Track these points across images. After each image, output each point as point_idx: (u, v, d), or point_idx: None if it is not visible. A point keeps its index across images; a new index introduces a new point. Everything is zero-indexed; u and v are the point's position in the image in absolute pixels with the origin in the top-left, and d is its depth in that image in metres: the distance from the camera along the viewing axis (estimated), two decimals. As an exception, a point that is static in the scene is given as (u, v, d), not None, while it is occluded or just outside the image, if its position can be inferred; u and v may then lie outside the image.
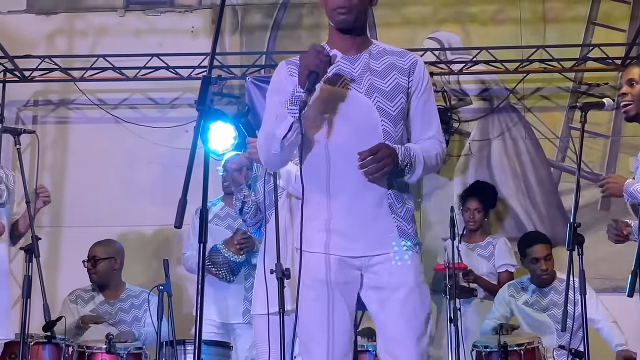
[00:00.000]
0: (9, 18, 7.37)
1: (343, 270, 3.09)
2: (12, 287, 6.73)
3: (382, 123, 3.10)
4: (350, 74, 3.15)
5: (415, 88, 3.20)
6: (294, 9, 7.26)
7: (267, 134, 3.12)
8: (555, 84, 6.98)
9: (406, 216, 3.14)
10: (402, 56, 3.23)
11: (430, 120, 3.25)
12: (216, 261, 5.42)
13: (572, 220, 3.98)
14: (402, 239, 3.10)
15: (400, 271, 3.08)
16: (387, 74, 3.17)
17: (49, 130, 7.21)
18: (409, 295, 3.07)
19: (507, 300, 5.71)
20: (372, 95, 3.12)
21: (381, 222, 3.09)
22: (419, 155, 3.12)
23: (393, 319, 3.07)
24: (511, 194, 6.85)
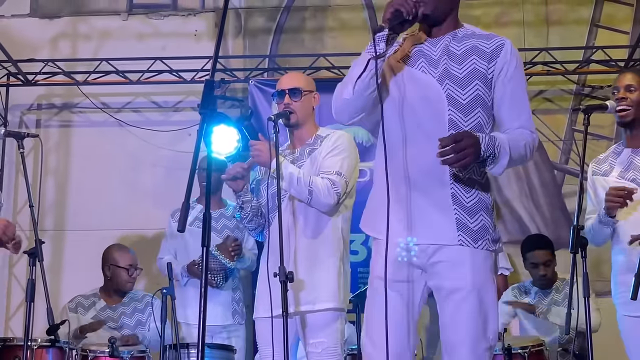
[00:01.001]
0: (13, 22, 7.39)
1: (404, 267, 2.99)
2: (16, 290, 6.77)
3: (449, 112, 2.97)
4: (429, 55, 3.04)
5: (500, 73, 3.01)
6: (297, 12, 7.27)
7: (343, 81, 3.03)
8: (558, 87, 6.98)
9: (474, 208, 3.00)
10: (489, 39, 3.07)
11: (520, 108, 3.06)
12: (212, 267, 5.42)
13: (576, 223, 3.97)
14: (459, 232, 2.97)
15: (457, 271, 2.96)
16: (465, 59, 3.01)
17: (52, 134, 7.22)
18: (465, 299, 2.94)
19: (511, 300, 5.72)
20: (443, 81, 2.98)
21: (440, 212, 2.97)
22: (505, 145, 2.92)
23: (449, 323, 2.97)
24: (514, 196, 6.85)
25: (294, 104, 4.19)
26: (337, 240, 4.11)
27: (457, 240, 2.97)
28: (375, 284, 3.02)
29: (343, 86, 3.02)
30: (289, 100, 4.20)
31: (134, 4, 7.42)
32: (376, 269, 3.04)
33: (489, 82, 3.02)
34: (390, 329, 2.89)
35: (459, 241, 2.97)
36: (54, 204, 7.10)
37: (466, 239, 2.98)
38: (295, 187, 4.02)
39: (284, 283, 3.84)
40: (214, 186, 5.75)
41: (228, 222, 5.78)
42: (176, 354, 4.85)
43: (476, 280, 2.97)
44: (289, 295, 3.90)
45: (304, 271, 4.03)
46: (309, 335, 4.04)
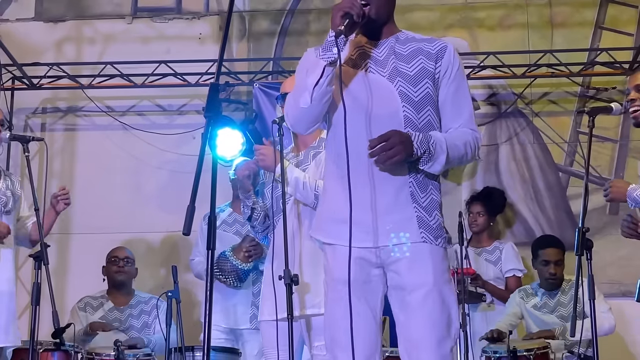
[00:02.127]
0: (17, 26, 7.40)
1: (363, 268, 2.97)
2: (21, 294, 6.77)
3: (404, 109, 2.99)
4: (374, 57, 3.06)
5: (444, 74, 3.05)
6: (301, 15, 7.28)
7: (296, 90, 3.02)
8: (563, 89, 6.97)
9: (429, 206, 3.00)
10: (431, 42, 3.10)
11: (461, 108, 3.08)
12: (224, 268, 5.42)
13: (581, 225, 3.97)
14: (421, 230, 2.97)
15: (419, 268, 2.94)
16: (412, 59, 3.05)
17: (57, 138, 7.23)
18: (427, 295, 2.92)
19: (518, 302, 5.74)
20: (394, 79, 3.01)
21: (399, 211, 2.96)
22: (441, 143, 2.96)
23: (411, 321, 2.94)
24: (519, 198, 6.84)
25: None
26: None
27: (420, 237, 2.97)
28: (338, 287, 2.98)
29: (297, 95, 3.00)
30: None
31: (138, 8, 7.43)
32: (335, 272, 3.01)
33: (436, 81, 3.06)
34: (358, 332, 2.89)
35: (422, 238, 2.97)
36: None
37: (428, 236, 2.98)
38: (301, 192, 4.02)
39: (289, 286, 3.85)
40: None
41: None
42: (181, 356, 4.85)
43: (437, 277, 2.96)
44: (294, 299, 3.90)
45: (309, 274, 4.03)
46: (314, 338, 4.04)
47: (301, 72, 3.06)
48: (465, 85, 3.12)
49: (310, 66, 2.96)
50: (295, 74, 3.17)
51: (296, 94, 3.02)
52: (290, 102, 3.06)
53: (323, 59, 2.91)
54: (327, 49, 2.90)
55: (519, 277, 6.07)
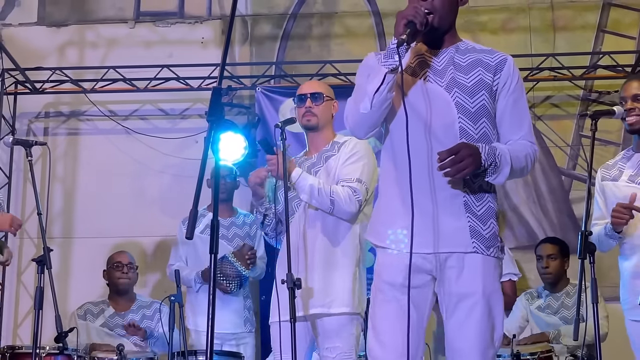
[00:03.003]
0: (20, 30, 7.41)
1: (415, 274, 2.97)
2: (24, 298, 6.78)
3: (460, 120, 3.01)
4: (433, 66, 3.08)
5: (503, 86, 3.08)
6: (304, 19, 7.28)
7: (357, 95, 3.03)
8: (565, 92, 6.97)
9: (484, 216, 3.04)
10: (491, 53, 3.14)
11: (521, 120, 3.13)
12: (228, 273, 5.43)
13: (584, 229, 3.97)
14: (473, 240, 3.00)
15: (469, 277, 2.98)
16: (471, 70, 3.07)
17: (60, 142, 7.23)
18: (475, 305, 2.97)
19: (524, 304, 5.76)
20: (452, 90, 3.03)
21: (453, 220, 2.99)
22: (506, 155, 2.99)
23: (458, 329, 2.99)
24: (522, 202, 6.84)
25: (315, 108, 4.23)
26: (355, 246, 4.13)
27: (471, 247, 3.00)
28: (386, 289, 3.02)
29: (358, 101, 3.02)
30: (311, 104, 4.23)
31: (141, 12, 7.44)
32: (384, 275, 3.05)
33: (494, 93, 3.08)
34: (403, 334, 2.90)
35: (473, 248, 3.00)
36: (61, 212, 7.12)
37: (480, 246, 3.01)
38: (316, 198, 4.02)
39: (291, 290, 3.86)
40: (226, 194, 5.77)
41: (239, 230, 5.78)
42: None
43: (487, 287, 3.00)
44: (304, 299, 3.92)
45: (320, 275, 4.05)
46: (324, 340, 4.05)
47: (362, 76, 3.08)
48: (525, 99, 3.17)
49: (372, 72, 2.97)
50: (356, 78, 3.18)
51: (357, 98, 3.04)
52: (351, 107, 3.08)
53: (384, 66, 2.92)
54: (389, 56, 2.91)
55: (514, 282, 6.07)
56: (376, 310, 3.06)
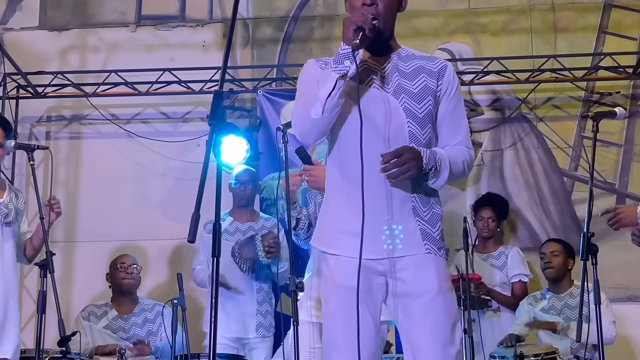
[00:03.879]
0: (22, 35, 7.42)
1: (367, 276, 3.00)
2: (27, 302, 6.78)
3: (409, 125, 3.06)
4: (378, 73, 3.12)
5: (445, 92, 3.15)
6: (305, 22, 7.29)
7: (305, 101, 3.05)
8: (566, 94, 6.97)
9: (431, 220, 3.09)
10: (432, 60, 3.20)
11: (459, 126, 3.19)
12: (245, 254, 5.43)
13: (586, 230, 3.97)
14: (425, 242, 3.05)
15: (423, 276, 3.02)
16: (415, 76, 3.12)
17: (62, 146, 7.24)
18: (432, 301, 3.00)
19: (527, 308, 5.75)
20: (399, 95, 3.08)
21: (404, 224, 3.04)
22: (445, 159, 3.06)
23: (416, 326, 3.01)
24: (524, 204, 6.83)
25: None
26: None
27: (424, 249, 3.05)
28: (342, 293, 3.01)
29: (308, 106, 3.02)
30: None
31: (142, 16, 7.45)
32: (339, 279, 3.04)
33: (437, 99, 3.15)
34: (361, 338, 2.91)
35: (426, 249, 3.05)
36: (64, 216, 7.04)
37: (432, 247, 3.07)
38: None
39: (294, 292, 3.86)
40: (247, 199, 5.78)
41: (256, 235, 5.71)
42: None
43: (442, 285, 3.05)
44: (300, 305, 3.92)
45: None
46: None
47: (305, 83, 3.11)
48: (462, 104, 3.24)
49: (322, 78, 2.99)
50: (298, 85, 3.20)
51: (305, 104, 3.04)
52: (300, 113, 3.09)
53: (335, 71, 2.94)
54: (339, 62, 2.94)
55: (525, 282, 6.06)
56: (330, 315, 3.06)
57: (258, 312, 5.62)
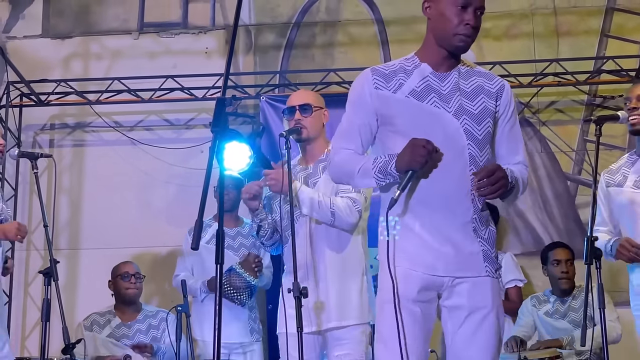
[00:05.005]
0: (25, 43, 7.44)
1: (428, 288, 3.05)
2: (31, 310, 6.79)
3: (469, 147, 3.05)
4: (439, 91, 3.09)
5: (502, 112, 3.16)
6: (307, 28, 7.29)
7: (345, 171, 3.17)
8: (569, 97, 6.97)
9: (490, 239, 3.11)
10: (490, 79, 3.19)
11: (517, 145, 3.23)
12: (237, 285, 5.40)
13: (590, 234, 3.96)
14: (485, 264, 3.07)
15: (480, 293, 3.05)
16: (476, 96, 3.11)
17: (65, 154, 7.25)
18: (487, 316, 3.04)
19: (530, 310, 5.72)
20: (460, 116, 3.05)
21: (467, 244, 3.05)
22: (518, 178, 3.10)
23: (468, 339, 3.04)
24: (528, 208, 6.83)
25: (304, 120, 4.21)
26: (359, 255, 4.13)
27: (484, 271, 3.08)
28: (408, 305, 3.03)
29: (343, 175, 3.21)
30: (300, 116, 4.22)
31: (144, 23, 7.47)
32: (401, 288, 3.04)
33: (496, 120, 3.15)
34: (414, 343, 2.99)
35: (486, 272, 3.08)
36: (68, 223, 7.13)
37: (491, 270, 3.10)
38: (317, 211, 4.02)
39: (298, 299, 3.85)
40: (232, 204, 5.76)
41: (245, 240, 5.76)
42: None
43: (495, 302, 3.08)
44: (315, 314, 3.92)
45: (330, 289, 4.04)
46: (334, 349, 4.05)
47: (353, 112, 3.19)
48: (518, 124, 3.26)
49: (365, 168, 3.09)
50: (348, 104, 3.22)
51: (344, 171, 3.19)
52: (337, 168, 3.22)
53: (376, 180, 3.07)
54: (383, 174, 3.04)
55: (520, 288, 6.05)
56: (386, 321, 3.06)
57: (249, 317, 5.66)
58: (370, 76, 3.13)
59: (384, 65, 3.18)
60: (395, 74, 3.12)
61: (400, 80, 3.11)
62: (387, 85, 3.09)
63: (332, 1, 7.29)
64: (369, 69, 3.17)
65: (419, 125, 3.02)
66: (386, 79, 3.10)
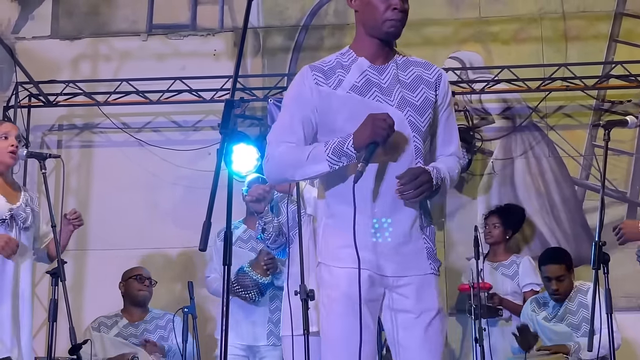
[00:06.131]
0: (34, 44, 7.46)
1: (373, 286, 3.00)
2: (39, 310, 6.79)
3: (414, 139, 3.02)
4: (379, 84, 3.06)
5: (441, 102, 3.12)
6: (315, 31, 7.30)
7: (289, 162, 3.04)
8: (577, 102, 6.96)
9: (432, 237, 3.09)
10: (428, 68, 3.14)
11: (452, 136, 3.19)
12: (245, 284, 5.40)
13: (597, 239, 3.95)
14: (429, 261, 3.05)
15: (426, 295, 3.02)
16: (416, 87, 3.07)
17: (73, 154, 7.26)
18: (433, 319, 3.02)
19: (530, 315, 5.69)
20: (404, 109, 3.02)
21: (413, 243, 3.03)
22: (447, 175, 3.05)
23: (419, 342, 3.01)
24: (535, 212, 6.82)
25: None
26: None
27: (429, 269, 3.06)
28: (344, 301, 2.97)
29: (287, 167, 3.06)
30: None
31: (153, 25, 7.48)
32: (342, 286, 2.99)
33: (435, 110, 3.11)
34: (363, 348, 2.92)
35: (431, 269, 3.06)
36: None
37: (435, 267, 3.07)
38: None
39: (304, 301, 3.85)
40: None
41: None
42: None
43: (440, 303, 3.07)
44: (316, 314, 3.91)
45: None
46: None
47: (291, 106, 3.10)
48: (453, 113, 3.21)
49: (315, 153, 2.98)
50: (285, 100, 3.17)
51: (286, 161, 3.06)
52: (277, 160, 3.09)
53: (329, 163, 2.95)
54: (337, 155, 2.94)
55: (537, 292, 6.02)
56: (331, 322, 3.03)
57: (269, 320, 5.60)
58: (309, 72, 3.09)
59: (321, 61, 3.14)
60: (333, 70, 3.09)
61: (339, 76, 3.07)
62: (327, 81, 3.05)
63: (340, 4, 7.30)
64: (307, 66, 3.13)
65: (361, 121, 2.94)
66: (325, 75, 3.06)
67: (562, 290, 5.57)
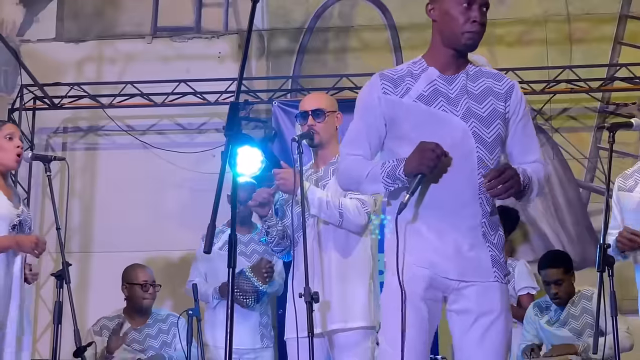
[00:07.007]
0: (39, 46, 7.47)
1: (435, 287, 3.03)
2: (43, 312, 6.80)
3: (477, 150, 3.02)
4: (446, 94, 3.07)
5: (513, 113, 3.13)
6: (320, 33, 7.30)
7: (353, 177, 3.16)
8: (582, 104, 6.96)
9: (499, 245, 3.09)
10: (499, 80, 3.16)
11: (532, 144, 3.20)
12: (245, 289, 5.40)
13: (602, 241, 3.95)
14: (494, 269, 3.05)
15: (489, 297, 3.03)
16: (484, 99, 3.09)
17: (78, 157, 7.27)
18: (496, 320, 3.02)
19: (533, 319, 5.67)
20: (468, 120, 3.03)
21: (476, 249, 3.03)
22: (533, 176, 3.06)
23: (478, 342, 3.02)
24: (540, 214, 6.81)
25: (317, 125, 4.21)
26: (367, 258, 4.12)
27: (493, 277, 3.05)
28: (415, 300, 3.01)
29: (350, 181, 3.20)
30: (313, 122, 4.21)
31: (158, 27, 7.49)
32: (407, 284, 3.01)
33: (507, 121, 3.12)
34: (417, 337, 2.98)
35: (495, 278, 3.06)
36: (80, 226, 7.15)
37: (499, 275, 3.07)
38: (325, 212, 4.02)
39: (309, 304, 3.85)
40: (246, 210, 5.75)
41: (257, 247, 5.74)
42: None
43: (504, 306, 3.06)
44: (319, 315, 3.91)
45: (335, 290, 4.04)
46: (340, 355, 4.04)
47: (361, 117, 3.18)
48: (532, 122, 3.24)
49: (373, 173, 3.07)
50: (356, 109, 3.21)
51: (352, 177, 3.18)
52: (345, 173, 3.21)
53: (384, 185, 3.05)
54: (392, 179, 3.02)
55: (532, 295, 6.00)
56: (390, 316, 3.05)
57: (260, 323, 5.64)
58: (378, 81, 3.13)
59: (392, 70, 3.18)
60: (402, 78, 3.12)
61: (407, 84, 3.11)
62: (394, 90, 3.09)
63: (345, 6, 7.30)
64: (377, 74, 3.17)
65: (426, 130, 3.01)
66: (394, 83, 3.10)
67: (562, 294, 5.55)
